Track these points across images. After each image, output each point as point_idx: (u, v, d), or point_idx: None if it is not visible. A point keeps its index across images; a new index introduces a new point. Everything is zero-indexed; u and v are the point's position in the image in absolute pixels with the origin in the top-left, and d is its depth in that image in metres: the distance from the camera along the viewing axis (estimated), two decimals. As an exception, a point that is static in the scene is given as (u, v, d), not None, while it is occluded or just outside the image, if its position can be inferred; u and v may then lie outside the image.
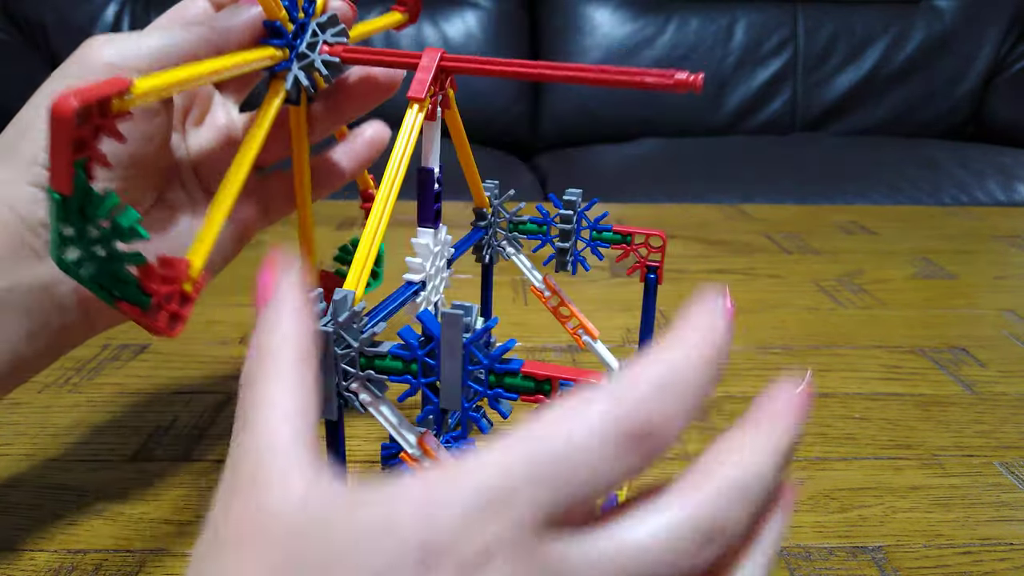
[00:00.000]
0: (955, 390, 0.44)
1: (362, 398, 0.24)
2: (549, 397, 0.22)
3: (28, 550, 0.30)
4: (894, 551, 0.31)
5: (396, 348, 0.23)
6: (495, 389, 0.23)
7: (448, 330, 0.22)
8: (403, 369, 0.23)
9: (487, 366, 0.23)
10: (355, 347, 0.23)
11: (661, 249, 0.36)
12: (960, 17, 1.47)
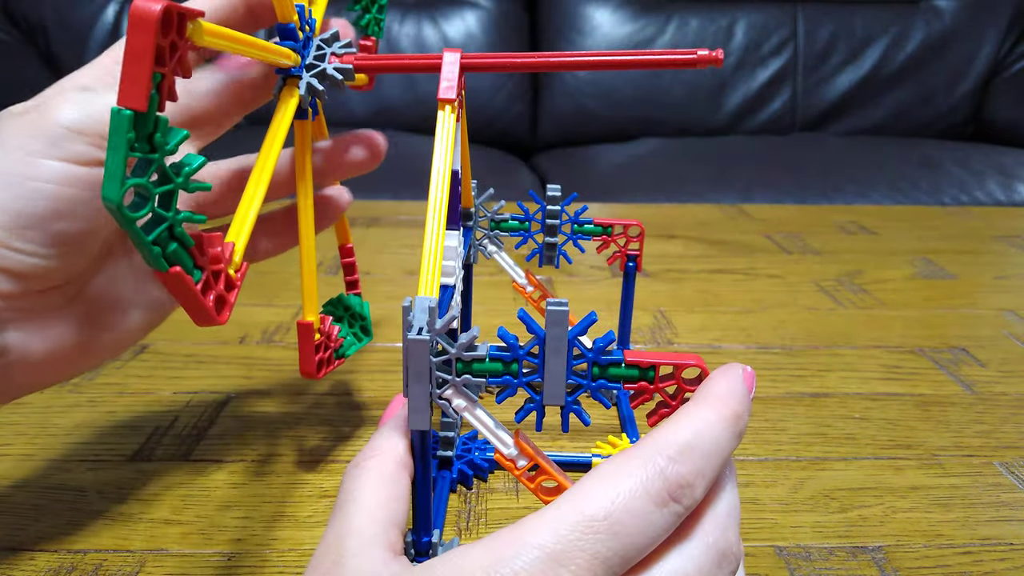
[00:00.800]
0: (955, 390, 0.44)
1: (456, 404, 0.24)
2: (653, 384, 0.23)
3: (28, 550, 0.30)
4: (894, 551, 0.31)
5: (495, 350, 0.23)
6: (598, 381, 0.24)
7: (554, 327, 0.23)
8: (503, 370, 0.23)
9: (592, 359, 0.23)
10: (452, 352, 0.23)
11: (640, 238, 0.39)
12: (960, 17, 1.47)
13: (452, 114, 0.27)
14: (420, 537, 0.25)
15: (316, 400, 0.42)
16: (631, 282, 0.40)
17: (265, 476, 0.35)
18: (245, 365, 0.46)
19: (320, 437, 0.38)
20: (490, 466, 0.36)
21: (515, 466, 0.25)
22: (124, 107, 0.17)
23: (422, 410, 0.23)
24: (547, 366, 0.23)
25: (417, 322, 0.23)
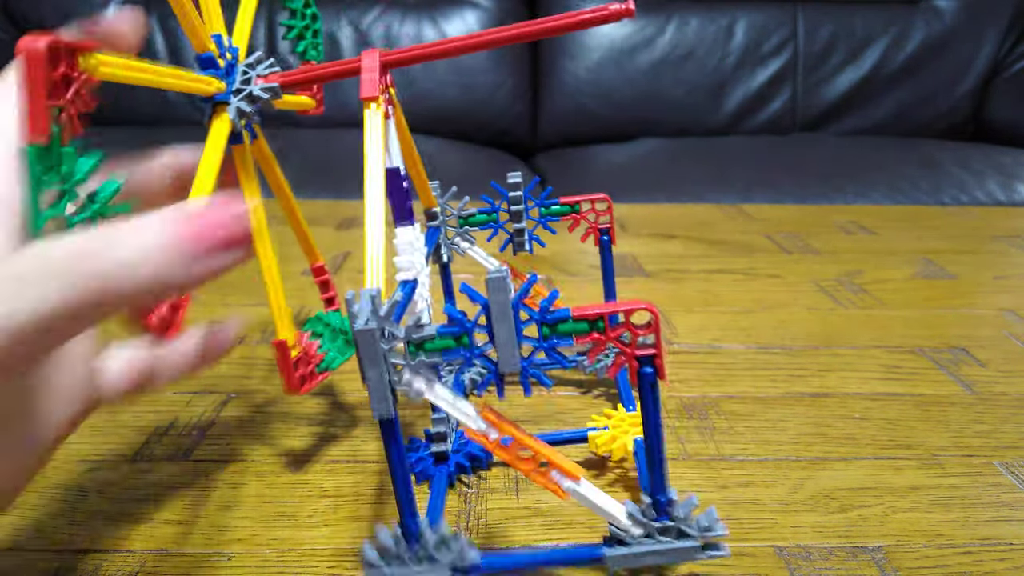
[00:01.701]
0: (955, 390, 0.44)
1: (416, 387, 0.24)
2: (605, 335, 0.24)
3: (28, 550, 0.30)
4: (894, 551, 0.31)
5: (443, 328, 0.24)
6: (549, 340, 0.24)
7: (496, 294, 0.23)
8: (456, 345, 0.24)
9: (539, 319, 0.24)
10: (401, 337, 0.23)
11: (608, 211, 0.40)
12: (960, 17, 1.47)
13: (378, 111, 0.27)
14: (406, 521, 0.25)
15: (316, 400, 0.42)
16: (608, 255, 0.40)
17: (265, 476, 0.35)
18: (245, 365, 0.46)
19: (320, 437, 0.38)
20: (488, 456, 0.35)
21: (487, 439, 0.25)
22: (29, 143, 0.18)
23: (383, 398, 0.23)
24: (496, 334, 0.23)
25: (362, 312, 0.23)
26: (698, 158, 1.28)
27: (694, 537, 0.26)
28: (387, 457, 0.25)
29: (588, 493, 0.26)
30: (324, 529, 0.31)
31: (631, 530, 0.26)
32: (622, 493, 0.34)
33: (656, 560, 0.26)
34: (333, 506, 0.33)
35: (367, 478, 0.35)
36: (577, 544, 0.29)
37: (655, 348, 0.24)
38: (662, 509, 0.26)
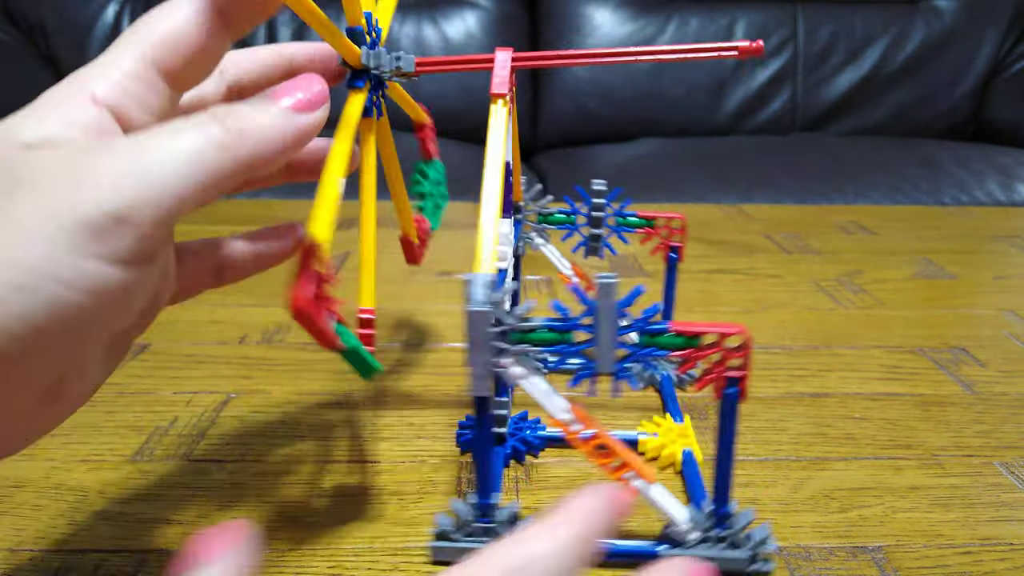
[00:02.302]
0: (955, 390, 0.44)
1: (513, 371, 0.26)
2: (698, 352, 0.26)
3: (28, 550, 0.30)
4: (894, 551, 0.31)
5: (549, 321, 0.26)
6: (646, 349, 0.26)
7: (605, 298, 0.25)
8: (557, 340, 0.26)
9: (639, 327, 0.25)
10: (509, 324, 0.25)
11: (682, 230, 0.41)
12: (960, 17, 1.47)
13: (504, 108, 0.29)
14: (481, 500, 0.28)
15: (316, 400, 0.42)
16: (673, 272, 0.42)
17: (265, 475, 0.35)
18: (245, 365, 0.46)
19: (320, 437, 0.38)
20: (541, 443, 0.36)
21: (570, 431, 0.27)
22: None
23: (482, 377, 0.25)
24: (600, 335, 0.25)
25: (477, 295, 0.25)
26: (698, 158, 1.28)
27: (747, 549, 0.28)
28: (476, 435, 0.27)
29: (654, 495, 0.27)
30: (325, 529, 0.31)
31: (689, 534, 0.28)
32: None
33: None
34: (333, 506, 0.33)
35: (368, 478, 0.35)
36: (635, 542, 0.30)
37: (743, 371, 0.26)
38: (721, 518, 0.28)
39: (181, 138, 0.20)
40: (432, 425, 0.39)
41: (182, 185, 0.19)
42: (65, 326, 0.18)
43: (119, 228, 0.18)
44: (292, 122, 0.22)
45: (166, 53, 0.22)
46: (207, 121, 0.21)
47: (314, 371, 0.45)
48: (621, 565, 0.29)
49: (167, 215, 0.19)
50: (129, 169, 0.19)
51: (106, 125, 0.21)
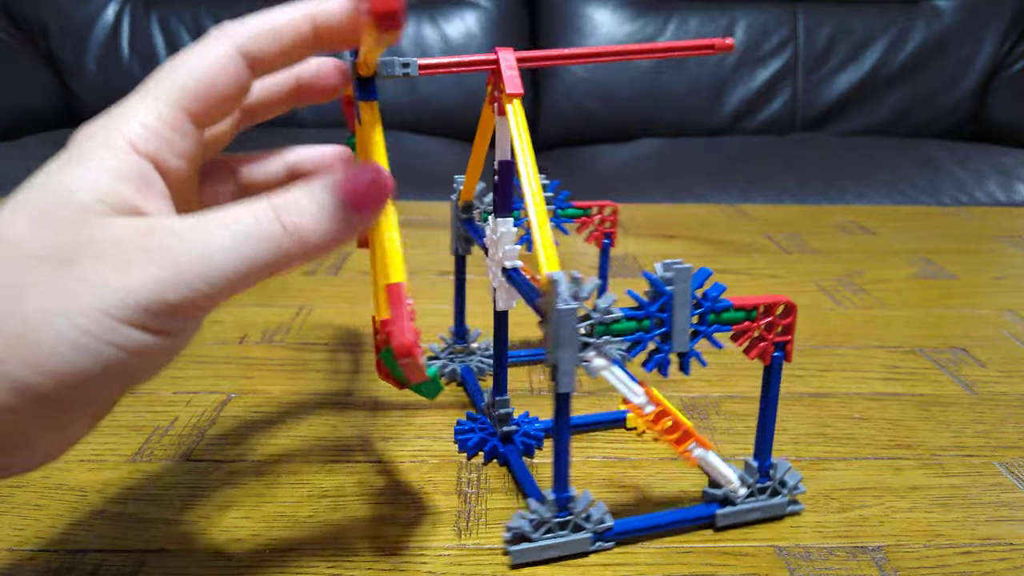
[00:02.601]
0: (955, 390, 0.44)
1: (596, 363, 0.27)
2: (754, 322, 0.29)
3: (28, 550, 0.30)
4: (894, 551, 0.31)
5: (628, 311, 0.27)
6: (712, 326, 0.28)
7: (680, 283, 0.27)
8: (636, 328, 0.27)
9: (709, 307, 0.28)
10: (596, 318, 0.27)
11: (613, 216, 0.44)
12: (960, 17, 1.47)
13: (521, 108, 0.30)
14: (560, 493, 0.29)
15: (316, 400, 0.42)
16: (606, 256, 0.45)
17: (265, 476, 0.35)
18: (245, 365, 0.46)
19: (320, 437, 0.38)
20: (541, 436, 0.38)
21: (643, 412, 0.29)
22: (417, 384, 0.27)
23: (569, 373, 0.27)
24: (675, 318, 0.27)
25: (563, 293, 0.26)
26: (698, 158, 1.28)
27: (783, 495, 0.32)
28: (555, 430, 0.28)
29: (713, 460, 0.31)
30: (324, 529, 0.31)
31: (739, 491, 0.31)
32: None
33: (755, 516, 0.32)
34: (333, 506, 0.33)
35: (367, 478, 0.35)
36: (692, 506, 0.32)
37: (789, 336, 0.30)
38: (765, 471, 0.32)
39: (242, 236, 0.21)
40: (431, 425, 0.39)
41: (237, 279, 0.21)
42: (109, 379, 0.20)
43: (172, 311, 0.20)
44: (351, 227, 0.22)
45: (196, 99, 0.23)
46: (268, 218, 0.21)
47: (314, 371, 0.45)
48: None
49: (217, 301, 0.21)
50: (189, 262, 0.20)
51: (148, 175, 0.22)
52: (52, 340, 0.19)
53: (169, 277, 0.20)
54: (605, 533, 0.30)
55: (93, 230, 0.20)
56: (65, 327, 0.19)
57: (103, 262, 0.20)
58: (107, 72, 1.42)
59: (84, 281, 0.20)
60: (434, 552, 0.30)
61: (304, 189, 0.22)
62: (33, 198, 0.21)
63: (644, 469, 0.36)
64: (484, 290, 0.58)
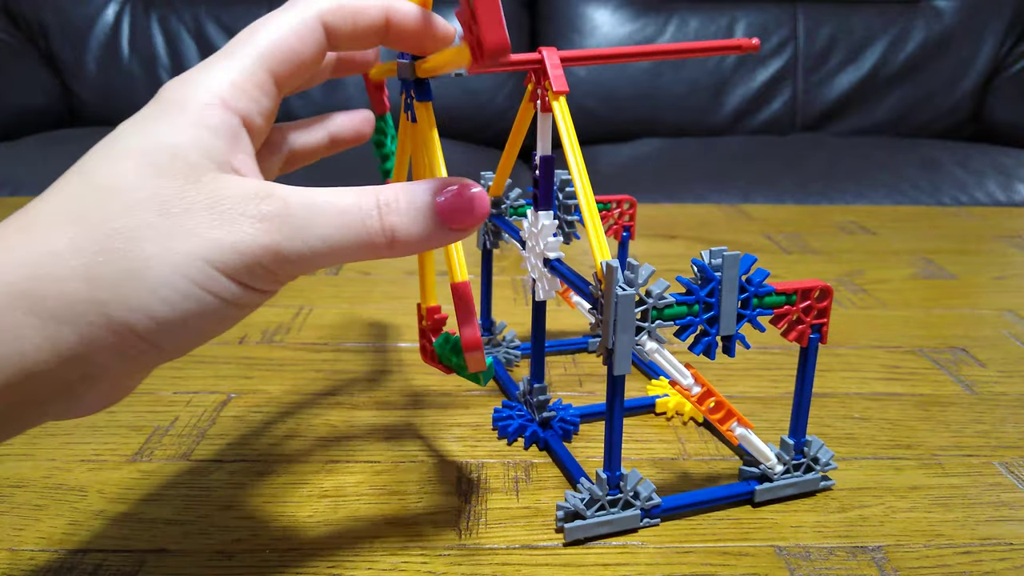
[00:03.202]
0: (955, 390, 0.44)
1: (648, 347, 0.29)
2: (794, 306, 0.30)
3: (28, 550, 0.30)
4: (894, 551, 0.31)
5: (680, 296, 0.29)
6: (756, 310, 0.30)
7: (728, 270, 0.28)
8: (686, 312, 0.29)
9: (754, 292, 0.29)
10: (650, 303, 0.28)
11: (632, 211, 0.46)
12: (960, 17, 1.47)
13: (565, 105, 0.31)
14: (611, 472, 0.31)
15: (316, 400, 0.42)
16: (624, 249, 0.46)
17: (265, 476, 0.35)
18: (245, 365, 0.46)
19: (320, 437, 0.38)
20: (577, 421, 0.39)
21: (690, 393, 0.31)
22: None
23: (627, 356, 0.28)
24: (723, 303, 0.29)
25: (621, 279, 0.27)
26: (698, 158, 1.28)
27: (816, 471, 0.34)
28: (608, 411, 0.30)
29: (753, 439, 0.32)
30: (324, 529, 0.31)
31: (776, 468, 0.33)
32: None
33: (790, 492, 0.33)
34: (333, 506, 0.33)
35: (367, 478, 0.35)
36: (732, 483, 0.34)
37: (825, 318, 0.31)
38: (799, 448, 0.33)
39: (345, 222, 0.22)
40: (432, 425, 0.39)
41: (327, 259, 0.22)
42: (202, 327, 0.22)
43: (267, 275, 0.22)
44: (441, 240, 0.23)
45: (280, 61, 0.24)
46: (372, 214, 0.22)
47: (313, 371, 0.45)
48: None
49: (302, 274, 0.23)
50: (293, 233, 0.22)
51: (239, 133, 0.23)
52: (159, 286, 0.20)
53: (273, 243, 0.21)
54: (652, 510, 0.32)
55: (204, 185, 0.21)
56: (174, 275, 0.20)
57: (214, 217, 0.21)
58: (107, 72, 1.42)
59: (196, 233, 0.21)
60: (434, 552, 0.30)
61: (408, 193, 0.23)
62: (134, 148, 0.21)
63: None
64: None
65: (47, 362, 0.20)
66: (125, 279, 0.20)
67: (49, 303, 0.20)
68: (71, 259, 0.20)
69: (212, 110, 0.22)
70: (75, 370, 0.21)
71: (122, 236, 0.20)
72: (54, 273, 0.20)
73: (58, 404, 0.21)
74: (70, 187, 0.21)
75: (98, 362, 0.21)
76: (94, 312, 0.20)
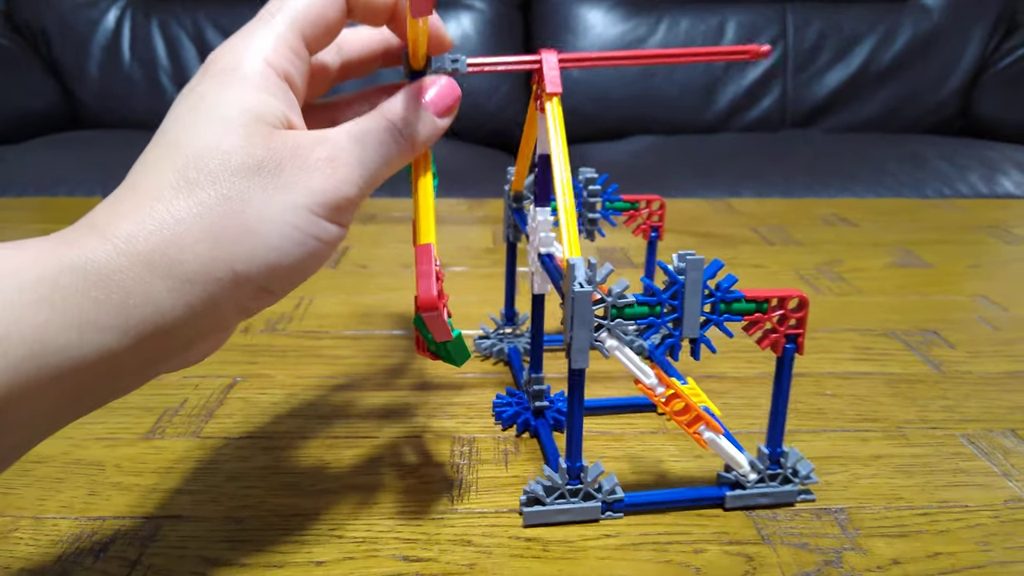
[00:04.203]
0: (923, 369, 0.46)
1: (608, 344, 0.29)
2: (766, 314, 0.30)
3: (51, 518, 0.32)
4: (856, 512, 0.33)
5: (641, 297, 0.29)
6: (723, 315, 0.29)
7: (692, 272, 0.28)
8: (648, 313, 0.29)
9: (720, 297, 0.29)
10: (609, 301, 0.29)
11: (661, 211, 0.45)
12: (946, 15, 1.50)
13: (559, 105, 0.32)
14: (572, 463, 0.31)
15: (317, 383, 0.44)
16: (653, 249, 0.46)
17: (270, 450, 0.37)
18: (250, 352, 0.48)
19: (321, 416, 0.41)
20: None
21: (654, 393, 0.31)
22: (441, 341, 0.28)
23: (584, 351, 0.29)
24: (686, 305, 0.29)
25: (579, 277, 0.28)
26: (689, 155, 1.31)
27: (795, 483, 0.33)
28: (569, 403, 0.30)
29: (723, 444, 0.32)
30: (326, 496, 0.34)
31: (749, 475, 0.33)
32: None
33: (765, 501, 0.33)
34: (334, 475, 0.35)
35: (364, 451, 0.37)
36: (704, 487, 0.34)
37: (800, 329, 0.30)
38: (775, 458, 0.33)
39: (382, 144, 0.27)
40: (425, 405, 0.42)
41: (381, 175, 0.27)
42: (306, 266, 0.25)
43: (348, 205, 0.26)
44: (439, 129, 0.29)
45: (311, 24, 0.27)
46: (396, 132, 0.28)
47: (315, 356, 0.47)
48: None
49: (368, 194, 0.27)
50: (355, 165, 0.26)
51: (288, 93, 0.26)
52: (271, 237, 0.24)
53: (346, 178, 0.26)
54: (615, 504, 0.32)
55: (283, 142, 0.25)
56: (281, 226, 0.24)
57: (300, 169, 0.25)
58: (108, 77, 1.44)
59: (292, 186, 0.24)
60: (428, 516, 0.33)
61: (406, 105, 0.28)
62: (216, 116, 0.24)
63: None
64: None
65: (180, 319, 0.23)
66: (244, 235, 0.23)
67: (183, 267, 0.23)
68: (194, 225, 0.23)
69: (267, 73, 0.26)
70: (203, 324, 0.24)
71: (234, 199, 0.23)
72: (182, 240, 0.23)
73: (177, 358, 0.25)
74: (169, 159, 0.24)
75: (221, 314, 0.24)
76: (221, 270, 0.23)
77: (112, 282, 0.22)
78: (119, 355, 0.22)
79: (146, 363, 0.24)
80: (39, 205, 0.91)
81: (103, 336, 0.22)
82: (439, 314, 0.27)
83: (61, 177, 1.08)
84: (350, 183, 0.26)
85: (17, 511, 0.33)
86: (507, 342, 0.48)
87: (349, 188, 0.26)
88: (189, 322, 0.23)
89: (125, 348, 0.22)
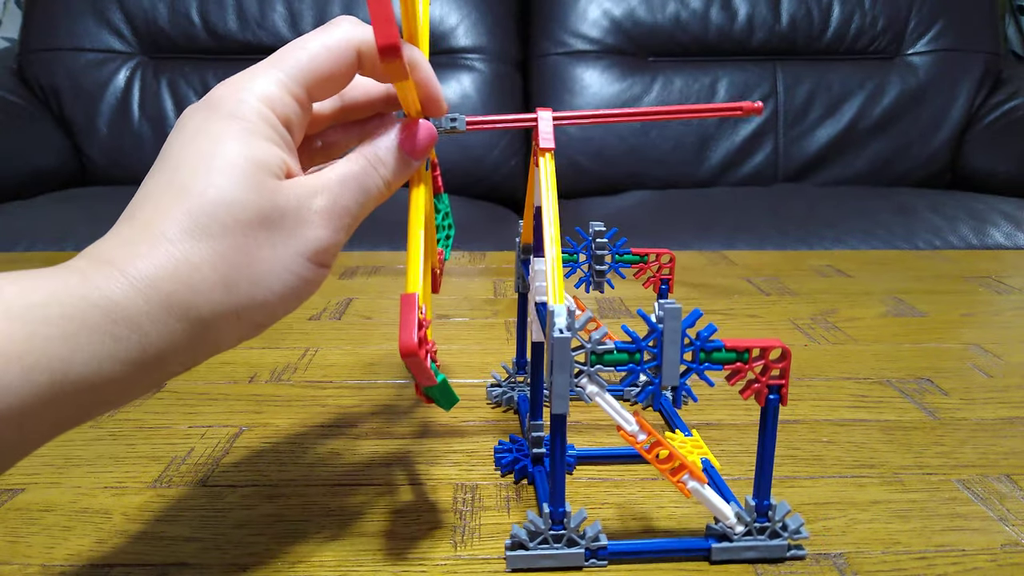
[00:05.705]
0: (918, 416, 0.47)
1: (589, 390, 0.30)
2: (747, 364, 0.29)
3: (59, 565, 0.33)
4: (854, 557, 0.34)
5: (620, 343, 0.29)
6: (703, 364, 0.29)
7: (670, 321, 0.29)
8: (627, 360, 0.29)
9: (699, 346, 0.29)
10: (588, 347, 0.29)
11: (671, 264, 0.46)
12: (933, 72, 1.54)
13: (551, 160, 0.33)
14: (555, 508, 0.31)
15: (322, 432, 0.45)
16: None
17: (276, 498, 0.38)
18: (256, 401, 0.49)
19: (326, 464, 0.41)
20: (572, 464, 0.40)
21: (636, 440, 0.30)
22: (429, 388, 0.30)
23: (563, 396, 0.29)
24: (665, 354, 0.29)
25: (560, 323, 0.28)
26: (684, 209, 1.33)
27: (784, 538, 0.33)
28: (551, 448, 0.30)
29: (707, 494, 0.31)
30: (330, 543, 0.34)
31: (736, 527, 0.32)
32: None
33: (751, 555, 0.32)
34: (339, 524, 0.36)
35: (370, 499, 0.38)
36: (689, 538, 0.34)
37: (783, 379, 0.30)
38: (763, 511, 0.32)
39: (363, 188, 0.29)
40: (428, 452, 0.42)
41: (362, 216, 0.30)
42: (299, 300, 0.28)
43: (337, 250, 0.29)
44: (412, 170, 0.32)
45: (316, 77, 0.28)
46: (378, 171, 0.30)
47: (320, 406, 0.48)
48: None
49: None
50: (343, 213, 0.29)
51: (287, 138, 0.28)
52: (274, 286, 0.27)
53: (337, 228, 0.28)
54: (599, 552, 0.32)
55: (285, 196, 0.27)
56: (282, 273, 0.27)
57: (300, 220, 0.27)
58: (118, 134, 1.48)
59: (294, 237, 0.27)
60: (432, 562, 0.33)
61: (385, 147, 0.30)
62: (223, 163, 0.26)
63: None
64: (499, 329, 0.61)
65: (189, 352, 0.26)
66: (252, 286, 0.26)
67: (198, 312, 0.25)
68: (210, 275, 0.25)
69: (270, 119, 0.27)
70: (205, 354, 0.27)
71: (243, 251, 0.26)
72: (198, 285, 0.25)
73: (180, 371, 0.27)
74: (178, 202, 0.26)
75: (221, 347, 0.27)
76: (230, 314, 0.26)
77: (133, 322, 0.24)
78: (133, 381, 0.25)
79: (152, 384, 0.26)
80: (48, 260, 0.92)
81: (122, 368, 0.24)
82: (419, 360, 0.28)
83: (69, 232, 1.10)
84: (341, 230, 0.29)
85: (25, 559, 0.33)
86: (518, 390, 0.48)
87: (341, 235, 0.29)
88: (195, 354, 0.27)
89: (139, 376, 0.25)
